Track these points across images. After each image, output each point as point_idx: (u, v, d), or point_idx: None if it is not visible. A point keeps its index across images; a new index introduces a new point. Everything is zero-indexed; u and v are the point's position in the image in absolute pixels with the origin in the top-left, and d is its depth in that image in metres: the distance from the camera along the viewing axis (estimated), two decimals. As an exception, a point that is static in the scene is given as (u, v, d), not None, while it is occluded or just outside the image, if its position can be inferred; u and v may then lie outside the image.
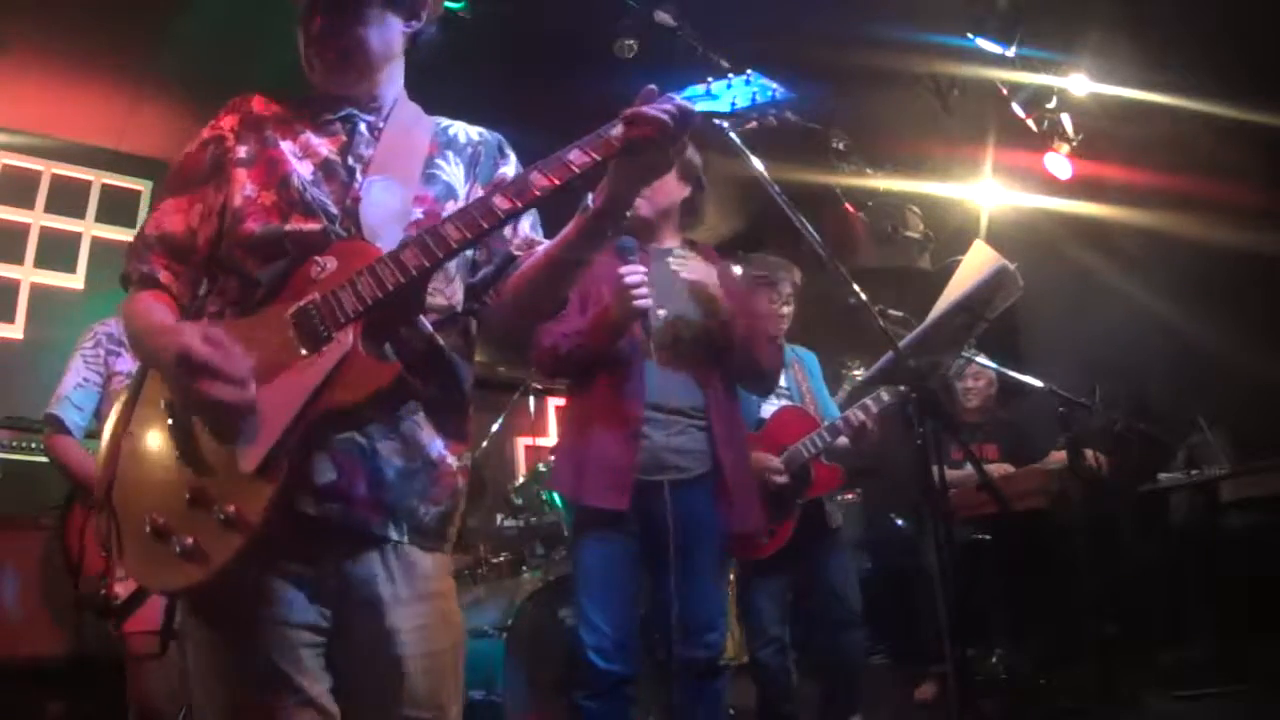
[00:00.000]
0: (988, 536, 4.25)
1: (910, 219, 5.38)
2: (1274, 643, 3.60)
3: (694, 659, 2.51)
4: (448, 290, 1.50)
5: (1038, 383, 3.69)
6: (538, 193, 1.35)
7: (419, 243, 1.35)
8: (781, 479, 3.29)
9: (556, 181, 1.35)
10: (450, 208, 1.49)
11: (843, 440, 3.42)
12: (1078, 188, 5.09)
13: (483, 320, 1.58)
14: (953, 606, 2.33)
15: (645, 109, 1.35)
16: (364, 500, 1.36)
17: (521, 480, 4.96)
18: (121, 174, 5.26)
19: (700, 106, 1.43)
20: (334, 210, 1.43)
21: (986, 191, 5.44)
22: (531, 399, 5.65)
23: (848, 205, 5.24)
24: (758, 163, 2.36)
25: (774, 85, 1.47)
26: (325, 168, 1.47)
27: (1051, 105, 4.85)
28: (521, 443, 6.69)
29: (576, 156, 1.35)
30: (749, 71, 1.49)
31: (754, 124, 1.57)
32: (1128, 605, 4.07)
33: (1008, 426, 4.73)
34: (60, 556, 2.46)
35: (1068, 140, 4.93)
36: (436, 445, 1.44)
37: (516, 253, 1.57)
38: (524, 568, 4.67)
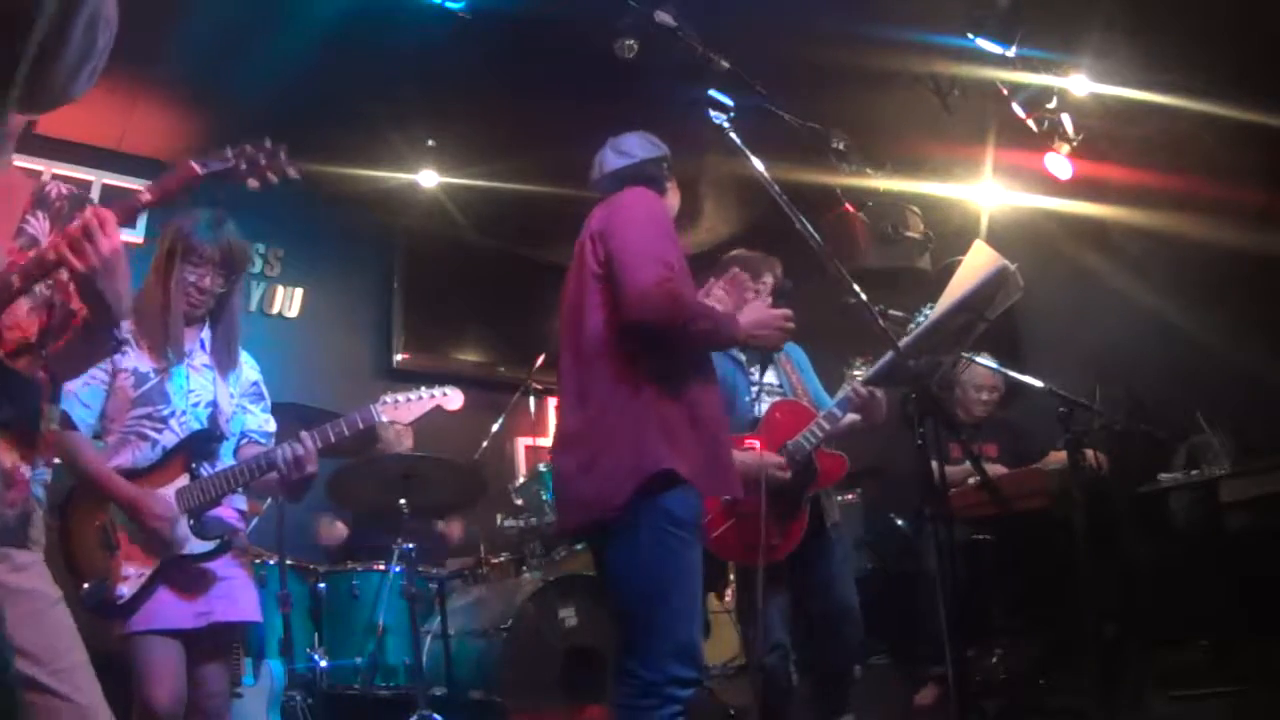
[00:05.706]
0: (988, 536, 4.25)
1: (910, 219, 5.37)
2: (1274, 643, 3.60)
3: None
4: (24, 324, 1.76)
5: (1038, 383, 3.69)
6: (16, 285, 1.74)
7: None
8: (785, 475, 3.26)
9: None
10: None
11: (851, 418, 3.33)
12: (1078, 188, 5.09)
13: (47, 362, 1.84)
14: (953, 607, 2.33)
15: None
16: None
17: (522, 480, 4.95)
18: (121, 174, 5.25)
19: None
20: None
21: (986, 192, 5.45)
22: (532, 399, 5.64)
23: (848, 205, 5.24)
24: (758, 163, 2.36)
25: None
26: None
27: (1052, 105, 4.84)
28: (521, 443, 6.68)
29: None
30: None
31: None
32: (1128, 605, 4.07)
33: (1008, 426, 4.74)
34: (62, 557, 2.45)
35: (1068, 140, 4.93)
36: (9, 458, 1.71)
37: (75, 309, 1.87)
38: (524, 568, 4.67)
